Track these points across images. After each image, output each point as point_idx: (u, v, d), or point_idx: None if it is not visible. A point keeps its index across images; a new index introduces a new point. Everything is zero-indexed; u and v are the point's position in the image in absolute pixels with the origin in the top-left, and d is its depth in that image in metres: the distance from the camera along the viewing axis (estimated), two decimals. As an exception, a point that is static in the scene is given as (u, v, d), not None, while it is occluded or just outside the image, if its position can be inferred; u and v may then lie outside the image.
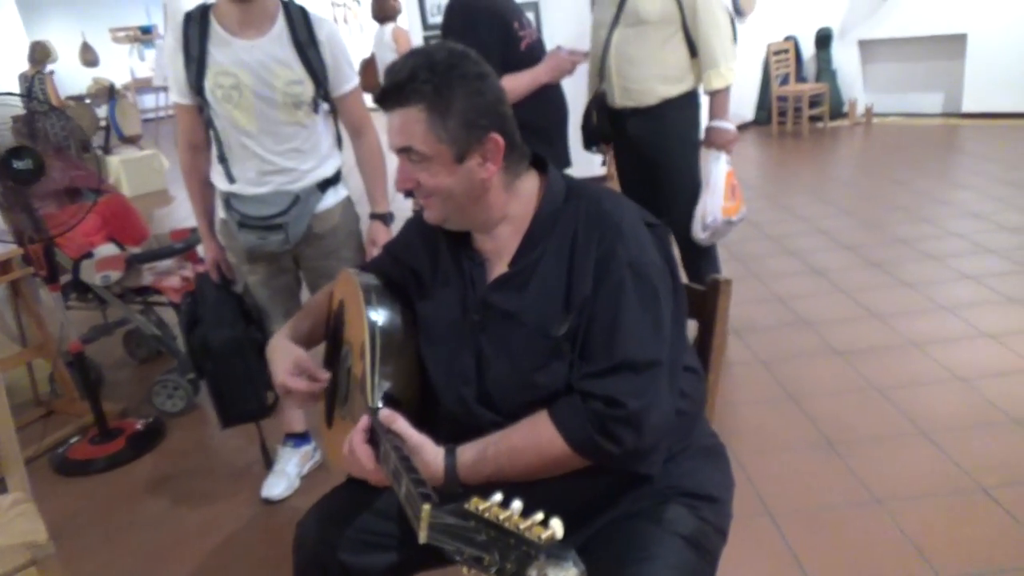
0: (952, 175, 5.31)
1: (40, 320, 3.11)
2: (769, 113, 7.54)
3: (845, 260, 3.92)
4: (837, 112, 7.56)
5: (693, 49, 2.62)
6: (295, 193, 2.12)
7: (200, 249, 2.32)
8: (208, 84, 2.01)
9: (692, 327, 1.29)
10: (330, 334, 1.45)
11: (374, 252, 2.19)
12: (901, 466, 2.24)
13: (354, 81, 2.16)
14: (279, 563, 2.13)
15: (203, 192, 2.23)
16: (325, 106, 2.15)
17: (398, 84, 1.08)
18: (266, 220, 2.11)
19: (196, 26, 2.01)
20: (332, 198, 2.22)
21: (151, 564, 2.23)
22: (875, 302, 3.37)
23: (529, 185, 1.19)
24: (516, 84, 2.41)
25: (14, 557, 1.56)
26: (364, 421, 1.11)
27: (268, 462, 2.51)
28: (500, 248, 1.19)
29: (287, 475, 2.46)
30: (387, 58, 6.32)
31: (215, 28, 2.00)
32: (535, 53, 2.51)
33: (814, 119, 7.32)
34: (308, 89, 2.06)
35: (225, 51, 2.00)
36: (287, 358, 1.32)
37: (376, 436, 1.09)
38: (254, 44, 2.00)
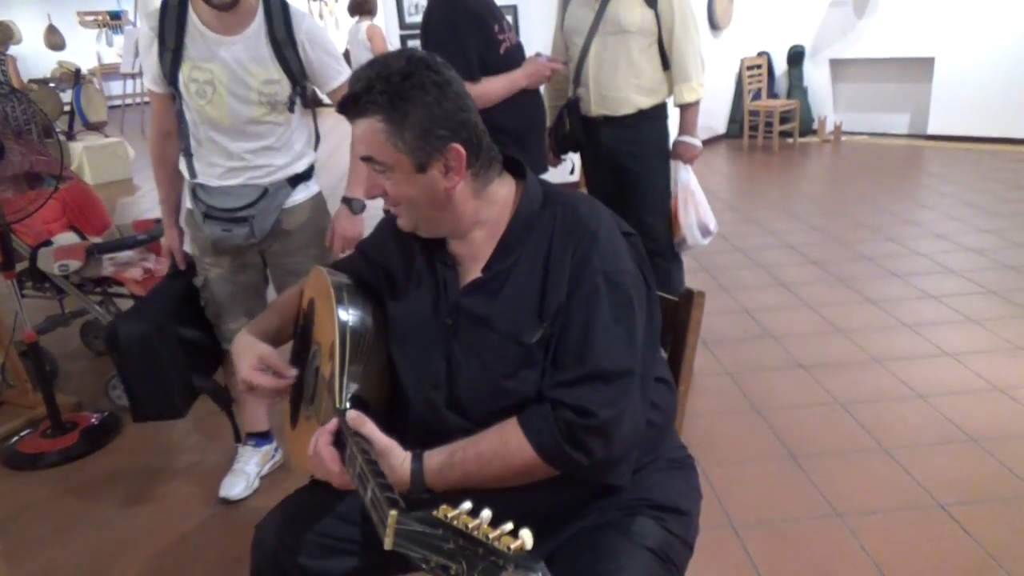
0: (916, 195, 5.43)
1: (-7, 308, 3.02)
2: (741, 127, 7.64)
3: (811, 275, 3.98)
4: (807, 129, 7.69)
5: (665, 62, 2.68)
6: (264, 186, 2.08)
7: (164, 241, 2.28)
8: (182, 77, 1.97)
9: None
10: (299, 333, 1.42)
11: (336, 241, 2.15)
12: (862, 480, 2.27)
13: (344, 74, 2.07)
14: (235, 564, 2.09)
15: (171, 179, 2.18)
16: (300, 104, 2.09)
17: (355, 96, 1.08)
18: (232, 212, 2.07)
19: (174, 14, 1.95)
20: (302, 193, 2.17)
21: (101, 563, 2.16)
22: (840, 317, 3.42)
23: (504, 190, 1.17)
24: (493, 87, 2.40)
25: (-44, 554, 1.50)
26: (331, 423, 1.09)
27: (237, 436, 2.42)
28: (475, 252, 1.18)
29: (246, 475, 2.41)
30: (361, 56, 6.28)
31: (193, 20, 1.95)
32: (514, 58, 2.50)
33: (784, 134, 7.43)
34: (284, 88, 2.02)
35: (201, 46, 1.95)
36: (252, 353, 1.29)
37: (342, 438, 1.07)
38: (232, 41, 1.96)
